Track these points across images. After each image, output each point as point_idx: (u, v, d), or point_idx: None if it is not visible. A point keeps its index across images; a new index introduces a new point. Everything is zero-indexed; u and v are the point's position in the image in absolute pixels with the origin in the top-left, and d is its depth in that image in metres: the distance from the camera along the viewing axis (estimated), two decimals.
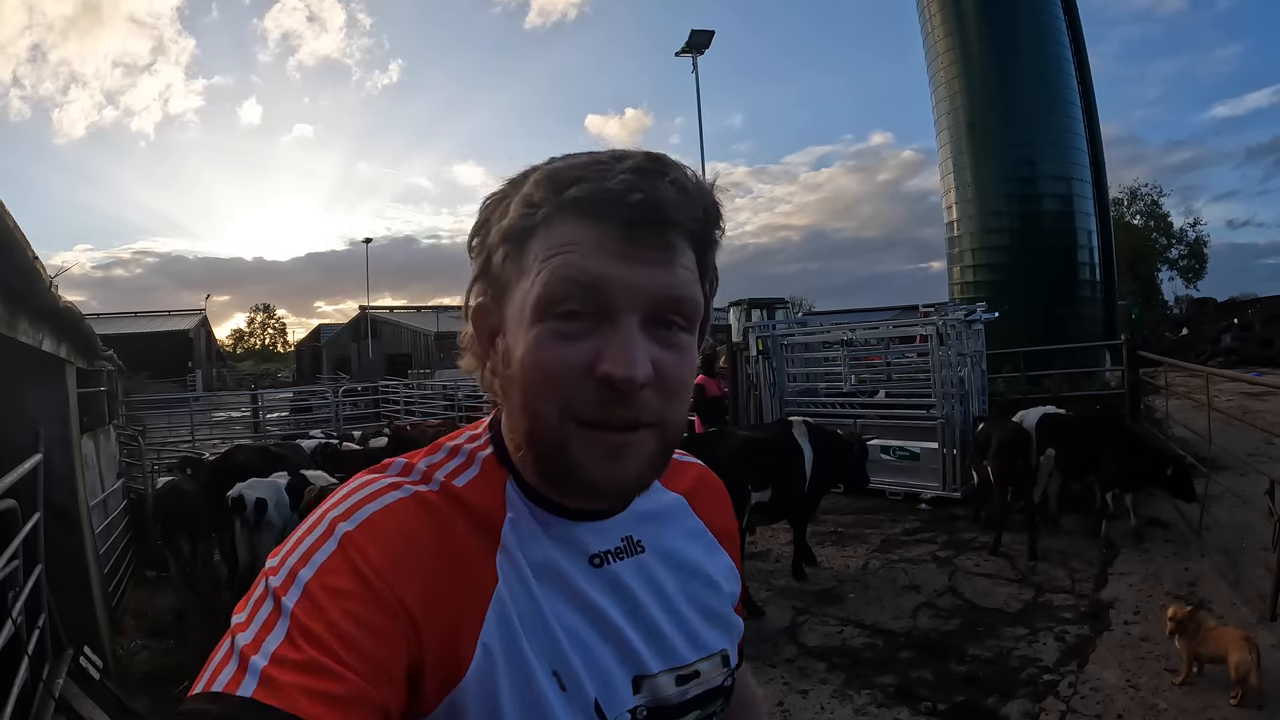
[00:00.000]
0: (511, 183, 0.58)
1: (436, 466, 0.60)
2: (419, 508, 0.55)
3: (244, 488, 4.86)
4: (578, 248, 0.52)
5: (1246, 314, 17.30)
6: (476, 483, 0.59)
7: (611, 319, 0.52)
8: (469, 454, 0.61)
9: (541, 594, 0.56)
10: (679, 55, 15.60)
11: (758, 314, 16.91)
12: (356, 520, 0.52)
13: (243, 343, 69.20)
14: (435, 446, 0.63)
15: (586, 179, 0.52)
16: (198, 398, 16.79)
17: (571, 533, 0.59)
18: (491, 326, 0.58)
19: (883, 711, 3.37)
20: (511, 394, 0.56)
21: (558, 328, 0.52)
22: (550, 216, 0.53)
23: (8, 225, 2.35)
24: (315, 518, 0.54)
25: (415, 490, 0.56)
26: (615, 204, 0.51)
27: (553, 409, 0.53)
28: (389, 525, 0.53)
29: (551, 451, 0.54)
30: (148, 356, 23.91)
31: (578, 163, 0.54)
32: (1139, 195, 33.52)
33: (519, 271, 0.55)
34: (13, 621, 2.70)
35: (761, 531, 5.77)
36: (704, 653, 0.64)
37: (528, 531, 0.57)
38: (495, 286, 0.57)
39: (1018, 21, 11.99)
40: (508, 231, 0.55)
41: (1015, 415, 5.93)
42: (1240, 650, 3.05)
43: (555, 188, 0.53)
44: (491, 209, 0.58)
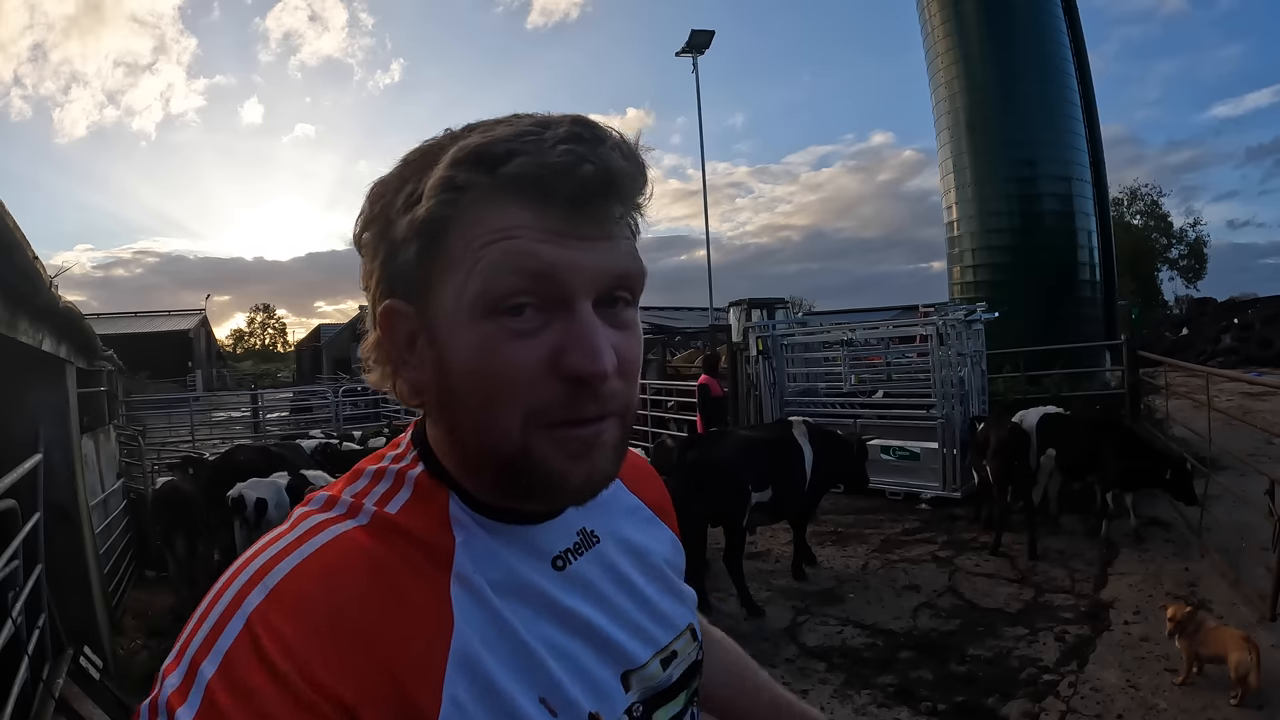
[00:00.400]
0: (407, 163, 0.51)
1: (363, 494, 0.53)
2: (348, 553, 0.47)
3: (244, 488, 4.87)
4: (520, 231, 0.46)
5: (1246, 314, 17.30)
6: (412, 507, 0.52)
7: (567, 307, 0.47)
8: (396, 475, 0.54)
9: (511, 615, 0.50)
10: (679, 55, 15.61)
11: (758, 314, 16.90)
12: (266, 587, 0.44)
13: (243, 343, 69.22)
14: (356, 471, 0.56)
15: (521, 152, 0.46)
16: (198, 398, 16.78)
17: (530, 538, 0.54)
18: (408, 331, 0.50)
19: (883, 711, 3.37)
20: (453, 405, 0.49)
21: (508, 325, 0.46)
22: (480, 199, 0.47)
23: (8, 225, 2.35)
24: (220, 586, 0.46)
25: (341, 530, 0.49)
26: (563, 179, 0.45)
27: (513, 416, 0.47)
28: (309, 588, 0.45)
29: (515, 461, 0.48)
30: (148, 356, 23.90)
31: (502, 134, 0.47)
32: (1139, 195, 33.52)
33: (442, 265, 0.48)
34: (13, 621, 2.70)
35: (761, 531, 5.77)
36: (675, 631, 0.62)
37: (483, 550, 0.51)
38: (406, 285, 0.50)
39: (1018, 21, 11.98)
40: (424, 222, 0.47)
41: (1015, 415, 5.93)
42: (1240, 650, 3.05)
43: (485, 165, 0.46)
44: (386, 196, 0.50)
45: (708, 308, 16.75)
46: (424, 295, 0.49)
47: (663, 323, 25.27)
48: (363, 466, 0.56)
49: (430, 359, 0.50)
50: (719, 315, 18.09)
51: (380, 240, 0.51)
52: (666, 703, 0.60)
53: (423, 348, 0.50)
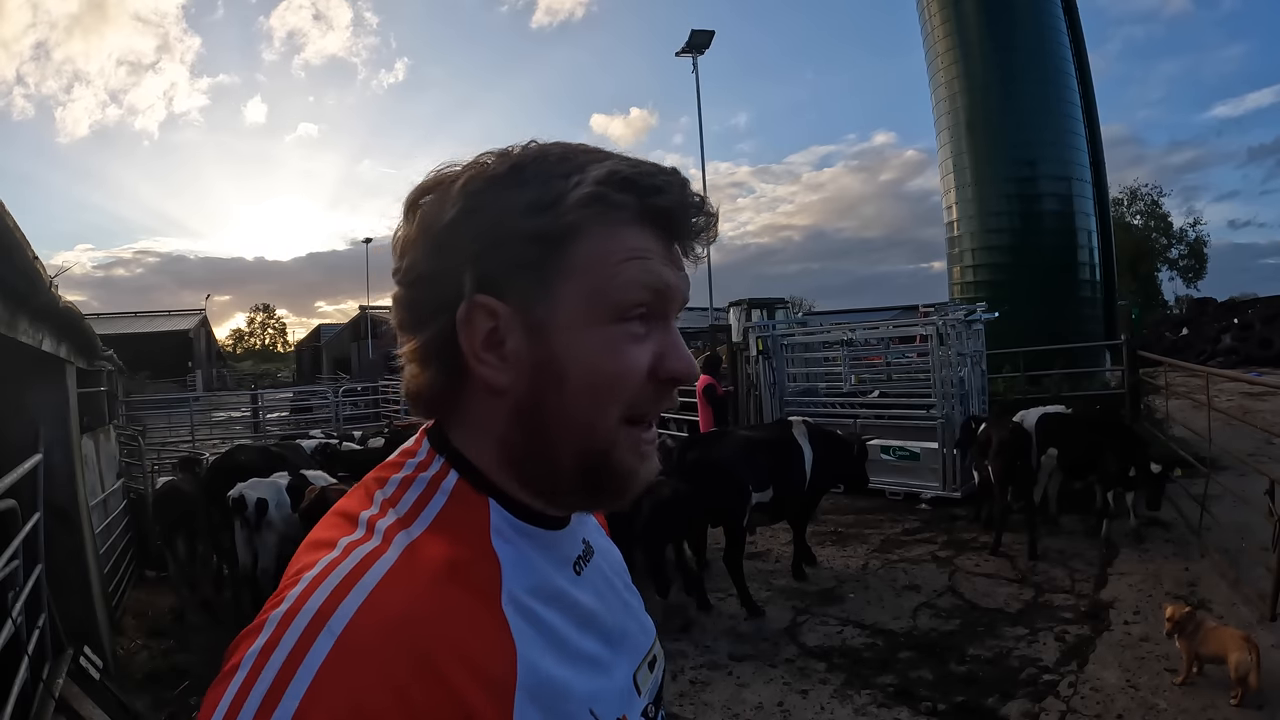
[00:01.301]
0: (519, 169, 0.53)
1: (392, 503, 0.52)
2: (408, 587, 0.45)
3: (245, 488, 4.87)
4: (652, 254, 0.53)
5: (1246, 314, 17.30)
6: (450, 518, 0.51)
7: (665, 321, 0.54)
8: (429, 482, 0.53)
9: (557, 623, 0.52)
10: (679, 55, 15.59)
11: (758, 314, 16.92)
12: (333, 634, 0.41)
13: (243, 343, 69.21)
14: (379, 479, 0.54)
15: (667, 189, 0.53)
16: (198, 398, 16.78)
17: (559, 543, 0.56)
18: (490, 329, 0.51)
19: (883, 711, 3.37)
20: (552, 403, 0.51)
21: (630, 330, 0.52)
22: (624, 220, 0.52)
23: (8, 225, 2.35)
24: (274, 629, 0.42)
25: (391, 565, 0.46)
26: (692, 218, 0.54)
27: (616, 412, 0.52)
28: (378, 637, 0.41)
29: (600, 458, 0.52)
30: (148, 356, 23.91)
31: (647, 169, 0.53)
32: (1139, 195, 33.54)
33: (568, 271, 0.51)
34: (13, 621, 2.70)
35: (761, 531, 5.78)
36: (653, 635, 0.66)
37: (525, 560, 0.52)
38: (509, 284, 0.51)
39: (1018, 21, 11.98)
40: (562, 227, 0.50)
41: (1015, 415, 5.93)
42: (1240, 650, 3.05)
43: (636, 191, 0.52)
44: (496, 196, 0.52)
45: (708, 308, 16.72)
46: (534, 295, 0.51)
47: None
48: (384, 474, 0.54)
49: (530, 358, 0.51)
50: (719, 315, 18.09)
51: (480, 236, 0.51)
52: (658, 704, 0.63)
53: (515, 347, 0.52)
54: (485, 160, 0.54)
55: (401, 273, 0.55)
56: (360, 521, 0.50)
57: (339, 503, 0.54)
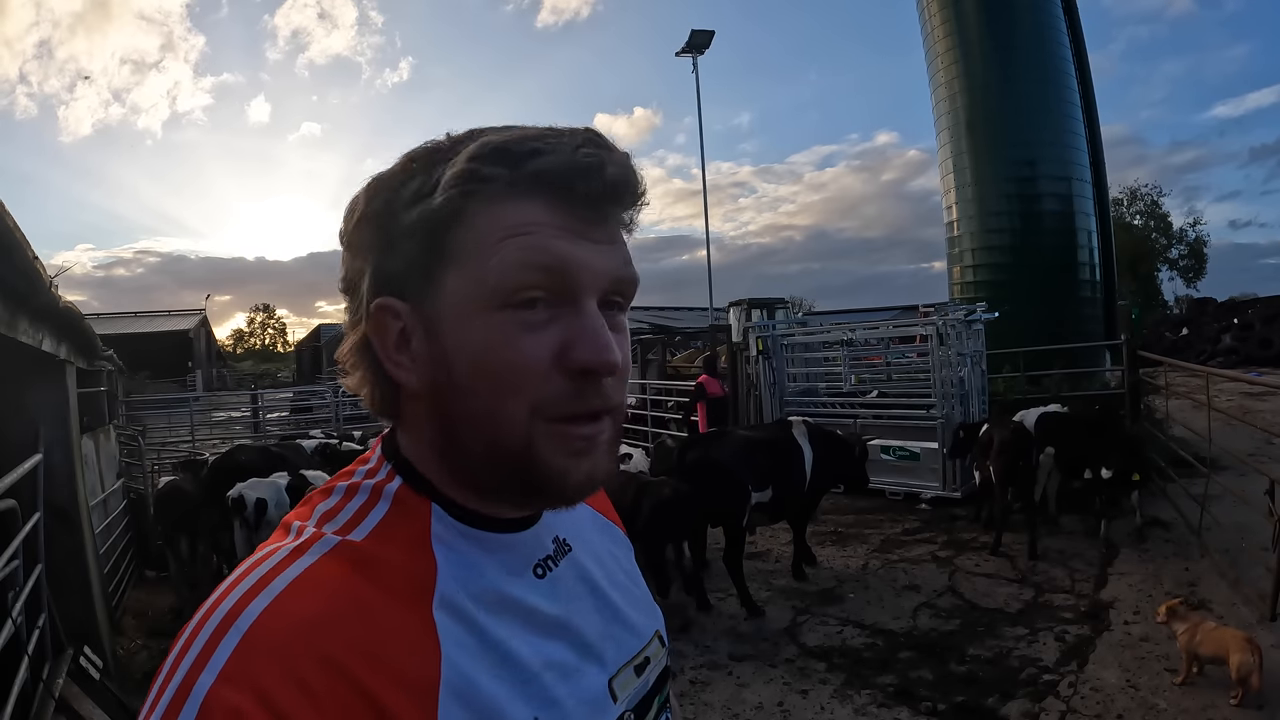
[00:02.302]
0: (412, 159, 0.50)
1: (333, 514, 0.50)
2: (322, 587, 0.45)
3: (244, 488, 4.87)
4: (536, 228, 0.47)
5: (1246, 314, 17.29)
6: (390, 524, 0.50)
7: (574, 304, 0.48)
8: (372, 489, 0.52)
9: (500, 630, 0.49)
10: (679, 55, 15.60)
11: (758, 314, 16.91)
12: (239, 631, 0.41)
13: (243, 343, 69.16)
14: (325, 489, 0.54)
15: (546, 151, 0.47)
16: (198, 398, 16.77)
17: (513, 545, 0.53)
18: (399, 329, 0.50)
19: (883, 711, 3.37)
20: (457, 400, 0.49)
21: (521, 317, 0.47)
22: (500, 194, 0.47)
23: (8, 225, 2.35)
24: (189, 634, 0.43)
25: (311, 563, 0.46)
26: (585, 179, 0.47)
27: (522, 408, 0.47)
28: (285, 633, 0.42)
29: (518, 456, 0.48)
30: (148, 356, 23.90)
31: (527, 134, 0.48)
32: (1139, 195, 33.53)
33: (451, 258, 0.48)
34: (13, 621, 2.70)
35: (761, 531, 5.77)
36: (645, 637, 0.63)
37: (467, 564, 0.50)
38: (402, 282, 0.49)
39: (1018, 21, 11.98)
40: (438, 212, 0.47)
41: (1015, 415, 5.93)
42: (1242, 651, 3.05)
43: (509, 161, 0.47)
44: (387, 191, 0.50)
45: (708, 308, 16.73)
46: (424, 289, 0.49)
47: (663, 323, 25.26)
48: (333, 483, 0.54)
49: (429, 355, 0.49)
50: (719, 315, 18.08)
51: (377, 236, 0.50)
52: (646, 713, 0.60)
53: (419, 345, 0.49)
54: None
55: (340, 282, 0.55)
56: (292, 530, 0.50)
57: (288, 514, 0.53)
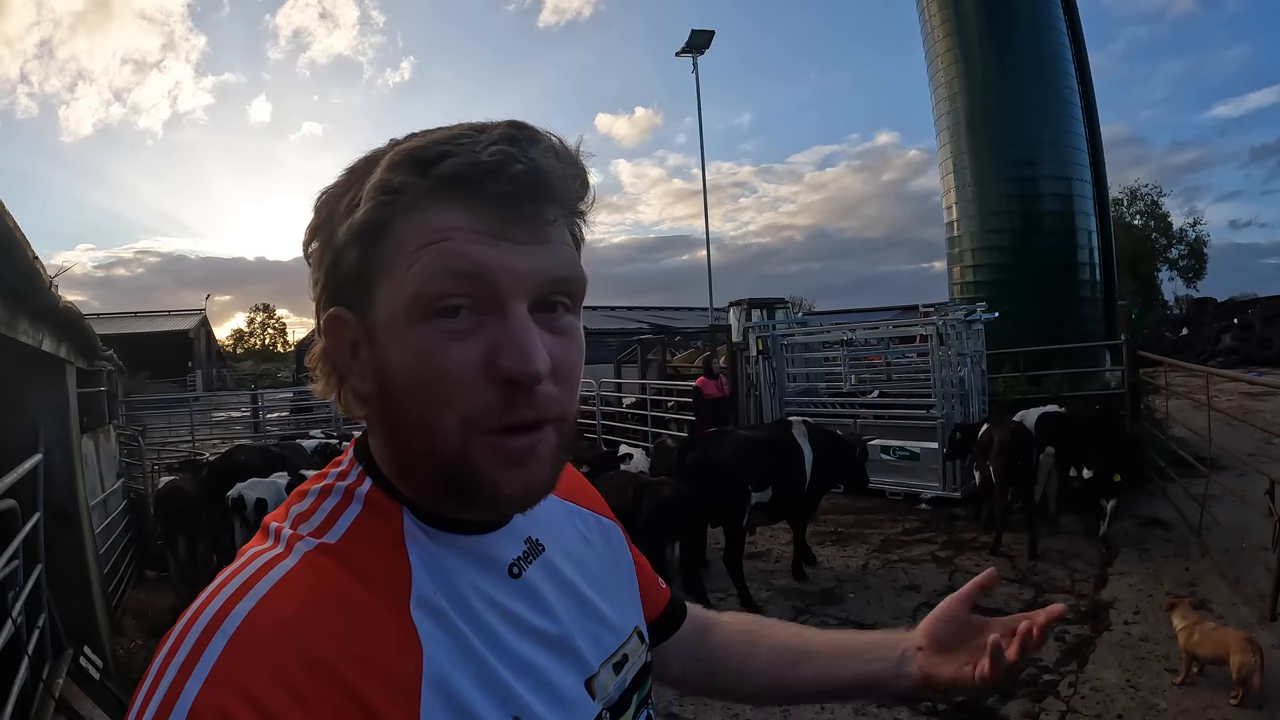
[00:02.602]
0: (351, 171, 0.51)
1: (305, 516, 0.51)
2: (306, 589, 0.45)
3: (244, 488, 4.88)
4: (454, 233, 0.46)
5: (1246, 314, 17.30)
6: (363, 526, 0.50)
7: (500, 309, 0.47)
8: (345, 491, 0.52)
9: (476, 632, 0.49)
10: (679, 55, 15.60)
11: (757, 314, 16.90)
12: (225, 635, 0.42)
13: (243, 343, 69.15)
14: (300, 491, 0.54)
15: (454, 154, 0.46)
16: (198, 398, 16.76)
17: (484, 548, 0.53)
18: (351, 339, 0.50)
19: (883, 711, 3.37)
20: (394, 411, 0.49)
21: (442, 326, 0.46)
22: (415, 201, 0.47)
23: (8, 225, 2.35)
24: (173, 641, 0.43)
25: (292, 565, 0.46)
26: (493, 179, 0.46)
27: (451, 419, 0.47)
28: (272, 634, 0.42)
29: (453, 467, 0.48)
30: (148, 356, 23.89)
31: (437, 137, 0.47)
32: (1139, 195, 33.54)
33: (381, 270, 0.48)
34: (13, 621, 2.70)
35: (761, 531, 5.77)
36: (624, 634, 0.62)
37: (440, 566, 0.50)
38: (348, 293, 0.50)
39: (1017, 21, 11.98)
40: (363, 226, 0.47)
41: (1015, 415, 5.93)
42: (1243, 652, 3.05)
43: (418, 167, 0.46)
44: (331, 204, 0.51)
45: (708, 308, 16.73)
46: (364, 301, 0.49)
47: (662, 323, 25.27)
48: (307, 486, 0.54)
49: (372, 366, 0.50)
50: (719, 315, 18.08)
51: (325, 248, 0.51)
52: (624, 711, 0.60)
53: (365, 355, 0.50)
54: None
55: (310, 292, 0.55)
56: (270, 533, 0.50)
57: (266, 517, 0.53)
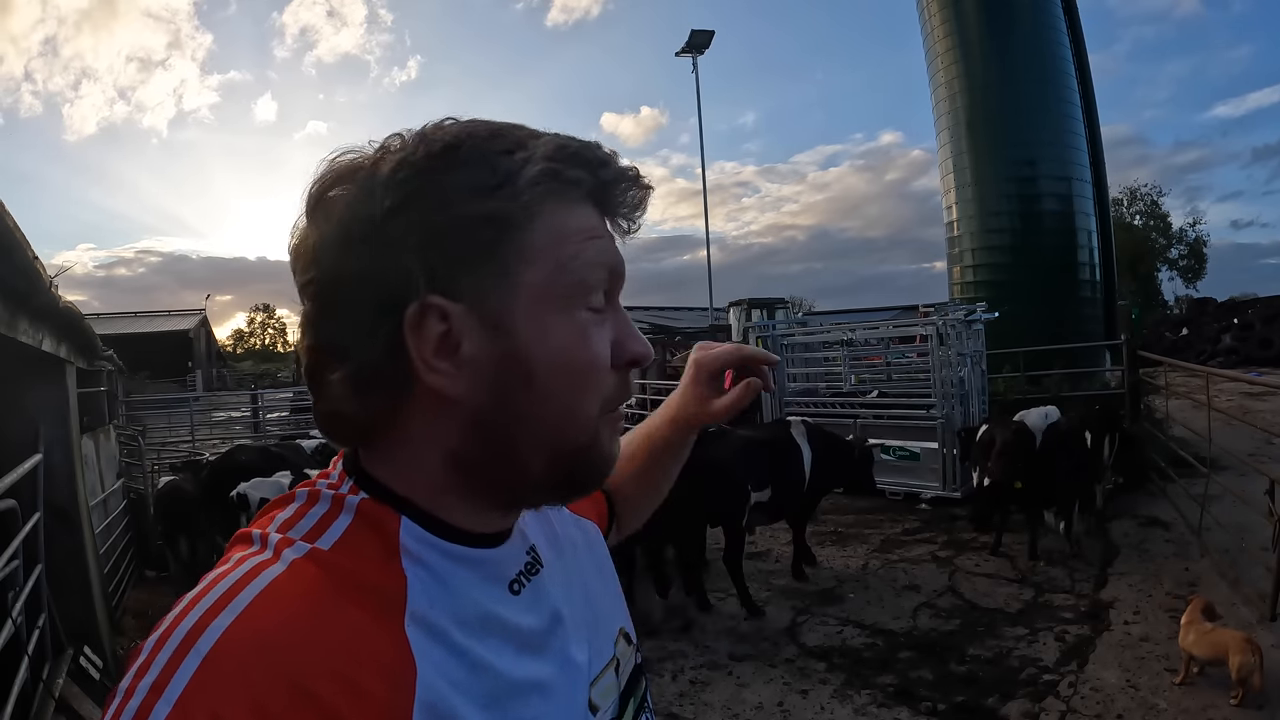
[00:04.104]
0: (453, 150, 0.46)
1: (291, 522, 0.47)
2: (287, 600, 0.42)
3: (247, 487, 4.88)
4: (603, 232, 0.50)
5: (1246, 314, 17.29)
6: (353, 536, 0.46)
7: (614, 303, 0.51)
8: (334, 500, 0.49)
9: (477, 649, 0.46)
10: (679, 55, 15.62)
11: (758, 314, 16.92)
12: (200, 654, 0.39)
13: (243, 343, 69.17)
14: (285, 497, 0.51)
15: (611, 163, 0.50)
16: (198, 398, 16.77)
17: (489, 561, 0.51)
18: (442, 333, 0.45)
19: (883, 711, 3.37)
20: (527, 403, 0.47)
21: (590, 316, 0.49)
22: (578, 198, 0.49)
23: (8, 225, 2.35)
24: (146, 656, 0.40)
25: (276, 574, 0.43)
26: (636, 193, 0.51)
27: (595, 405, 0.49)
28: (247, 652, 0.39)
29: (583, 453, 0.49)
30: (148, 356, 23.88)
31: (588, 144, 0.49)
32: (1139, 195, 33.55)
33: (523, 257, 0.46)
34: (13, 621, 2.70)
35: (761, 531, 5.78)
36: (612, 637, 0.61)
37: (439, 581, 0.47)
38: (460, 278, 0.46)
39: (1017, 21, 11.98)
40: (513, 209, 0.46)
41: (1015, 415, 5.92)
42: (1243, 652, 3.05)
43: (589, 167, 0.48)
44: (429, 181, 0.45)
45: (708, 308, 16.73)
46: (486, 288, 0.46)
47: (663, 323, 25.25)
48: (293, 493, 0.51)
49: (489, 358, 0.46)
50: (719, 315, 18.09)
51: (421, 227, 0.45)
52: (623, 716, 0.59)
53: (471, 349, 0.46)
54: (397, 143, 0.47)
55: (316, 285, 0.47)
56: (255, 539, 0.47)
57: (244, 526, 0.51)
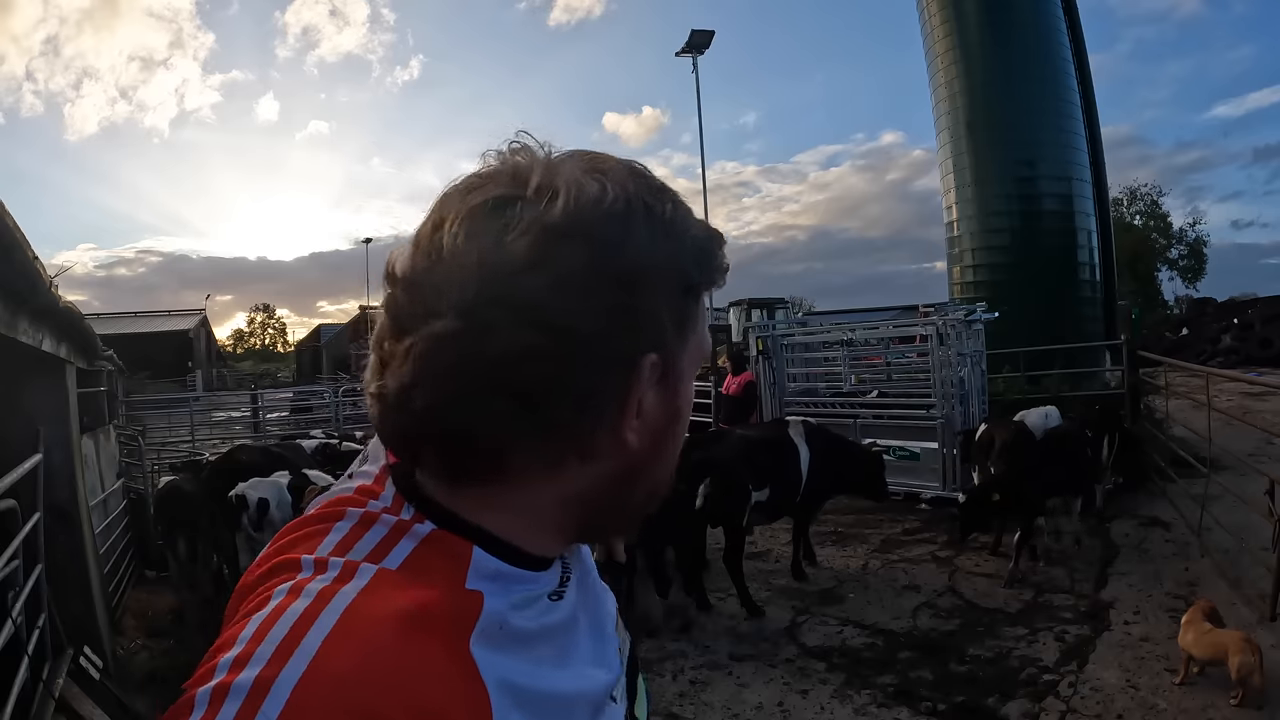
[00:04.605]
0: (652, 209, 0.47)
1: (348, 545, 0.46)
2: (365, 631, 0.40)
3: (246, 487, 4.88)
4: None
5: (1246, 314, 17.30)
6: (421, 556, 0.45)
7: None
8: (395, 526, 0.47)
9: (538, 665, 0.47)
10: (679, 55, 15.60)
11: (758, 314, 16.94)
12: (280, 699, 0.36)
13: (243, 343, 69.21)
14: (336, 513, 0.48)
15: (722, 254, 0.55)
16: (198, 398, 16.77)
17: (544, 579, 0.51)
18: (642, 388, 0.47)
19: (883, 711, 3.38)
20: (661, 452, 0.52)
21: None
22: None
23: (8, 225, 2.35)
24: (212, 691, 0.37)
25: (344, 609, 0.40)
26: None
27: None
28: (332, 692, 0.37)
29: (664, 490, 0.55)
30: (148, 356, 23.89)
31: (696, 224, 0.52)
32: (1139, 195, 33.54)
33: (692, 326, 0.51)
34: (13, 621, 2.70)
35: (761, 531, 5.78)
36: (612, 621, 0.62)
37: (506, 601, 0.46)
38: (666, 337, 0.48)
39: (1018, 21, 11.97)
40: (704, 284, 0.52)
41: (1015, 416, 5.93)
42: (1242, 652, 3.05)
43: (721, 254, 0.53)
44: (651, 238, 0.46)
45: (708, 308, 16.74)
46: (675, 348, 0.49)
47: None
48: (341, 509, 0.49)
49: (663, 412, 0.50)
50: (719, 315, 18.09)
51: (664, 287, 0.47)
52: (634, 697, 0.61)
53: (651, 404, 0.48)
54: (590, 185, 0.45)
55: (534, 308, 0.43)
56: (306, 564, 0.45)
57: (290, 535, 0.49)
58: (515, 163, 0.47)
